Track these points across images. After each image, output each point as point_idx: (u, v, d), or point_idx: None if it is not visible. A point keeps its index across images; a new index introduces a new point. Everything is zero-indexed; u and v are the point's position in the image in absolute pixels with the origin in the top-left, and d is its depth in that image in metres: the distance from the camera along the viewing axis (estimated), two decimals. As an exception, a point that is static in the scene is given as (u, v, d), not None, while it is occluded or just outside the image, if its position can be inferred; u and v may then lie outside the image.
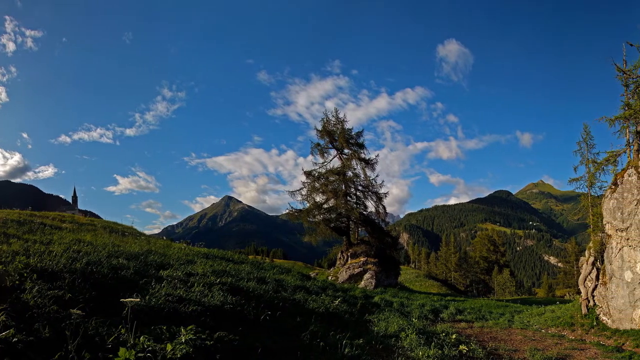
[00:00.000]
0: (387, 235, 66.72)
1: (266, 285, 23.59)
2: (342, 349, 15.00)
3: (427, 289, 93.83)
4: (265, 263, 37.60)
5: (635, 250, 30.34)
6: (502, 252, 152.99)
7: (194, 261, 24.64)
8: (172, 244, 35.76)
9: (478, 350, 20.02)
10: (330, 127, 64.71)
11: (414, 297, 46.36)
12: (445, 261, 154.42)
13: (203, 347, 10.46)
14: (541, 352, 21.75)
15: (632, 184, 31.12)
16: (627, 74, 34.79)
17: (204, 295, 16.23)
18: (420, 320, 28.46)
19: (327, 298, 27.28)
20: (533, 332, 30.38)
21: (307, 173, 64.49)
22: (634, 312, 29.95)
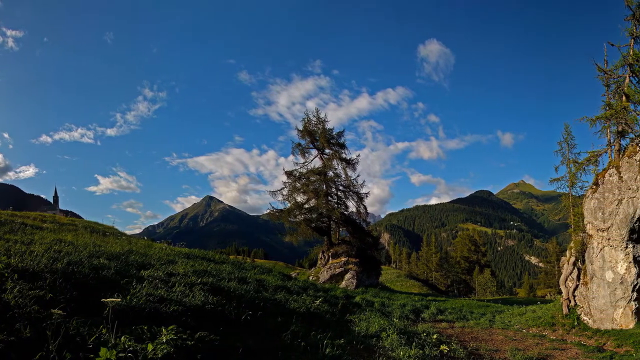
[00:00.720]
0: (368, 235, 67.02)
1: (247, 285, 23.47)
2: (323, 349, 15.03)
3: (408, 289, 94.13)
4: (246, 263, 37.55)
5: (617, 250, 30.60)
6: (483, 252, 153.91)
7: (175, 261, 24.43)
8: (153, 244, 35.51)
9: (459, 351, 20.11)
10: (311, 127, 64.79)
11: (395, 297, 46.51)
12: (427, 261, 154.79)
13: (184, 347, 10.47)
14: (522, 352, 21.93)
15: (614, 184, 31.37)
16: (608, 74, 35.11)
17: (185, 295, 16.17)
18: (401, 320, 28.48)
19: (308, 298, 27.25)
20: (514, 332, 30.60)
21: (288, 173, 64.51)
22: (615, 312, 30.21)
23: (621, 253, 30.39)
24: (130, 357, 8.99)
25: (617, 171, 31.41)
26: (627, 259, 30.07)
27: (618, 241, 30.55)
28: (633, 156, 30.61)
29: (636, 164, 29.97)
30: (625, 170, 30.68)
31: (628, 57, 33.53)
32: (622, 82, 34.28)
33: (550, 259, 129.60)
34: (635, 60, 33.43)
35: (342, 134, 67.02)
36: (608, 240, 31.38)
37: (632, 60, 33.40)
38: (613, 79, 35.20)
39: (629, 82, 33.77)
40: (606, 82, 35.58)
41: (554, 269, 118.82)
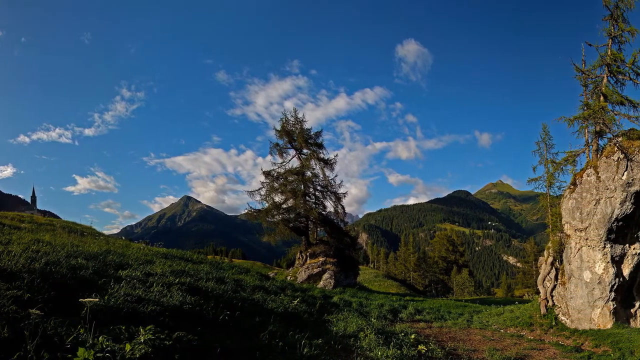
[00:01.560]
0: (346, 235, 67.04)
1: (225, 285, 23.37)
2: (301, 349, 15.06)
3: (386, 289, 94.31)
4: (224, 263, 37.38)
5: (594, 250, 30.86)
6: (461, 252, 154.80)
7: (152, 261, 24.26)
8: (131, 244, 35.36)
9: (437, 350, 20.10)
10: (289, 127, 64.71)
11: (372, 297, 46.55)
12: (404, 261, 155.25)
13: (162, 347, 10.48)
14: (500, 352, 22.00)
15: (591, 184, 31.62)
16: (586, 74, 35.36)
17: (163, 295, 16.17)
18: (379, 320, 28.51)
19: (286, 298, 27.17)
20: (492, 332, 30.66)
21: (266, 173, 64.36)
22: (593, 312, 30.47)
23: (599, 253, 30.65)
24: (108, 357, 8.98)
25: (595, 171, 31.67)
26: (605, 259, 30.33)
27: (596, 241, 30.80)
28: (611, 156, 30.88)
29: (614, 164, 30.23)
30: (603, 170, 30.95)
31: (606, 57, 33.81)
32: (600, 82, 34.55)
33: (528, 259, 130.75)
34: (613, 60, 33.72)
35: (320, 134, 67.06)
36: (586, 240, 31.63)
37: (609, 60, 33.69)
38: (591, 79, 35.46)
39: (607, 82, 34.05)
40: (584, 82, 35.83)
41: (531, 269, 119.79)
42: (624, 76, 33.84)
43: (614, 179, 29.91)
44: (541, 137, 51.09)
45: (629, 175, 29.08)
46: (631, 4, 33.20)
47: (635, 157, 29.26)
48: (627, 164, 29.41)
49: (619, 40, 34.08)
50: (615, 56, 33.74)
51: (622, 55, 33.69)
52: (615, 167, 30.05)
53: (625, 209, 29.27)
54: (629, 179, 28.98)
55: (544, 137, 50.78)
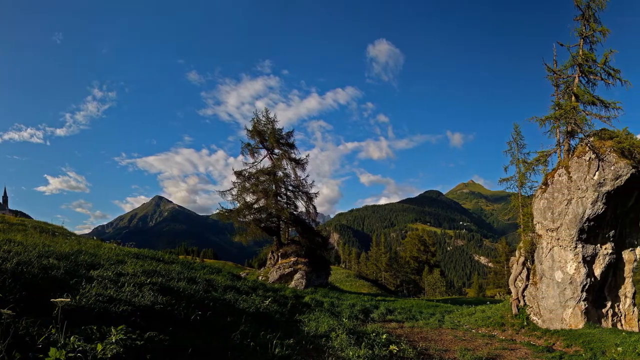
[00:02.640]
0: (318, 235, 67.11)
1: (197, 285, 23.27)
2: (273, 349, 15.13)
3: (358, 289, 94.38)
4: (196, 263, 37.11)
5: (566, 250, 31.08)
6: (433, 252, 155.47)
7: (124, 261, 24.00)
8: (102, 244, 34.91)
9: (409, 350, 20.11)
10: (261, 127, 64.58)
11: (344, 297, 46.57)
12: (376, 261, 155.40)
13: (133, 347, 10.45)
14: (472, 352, 22.02)
15: (563, 184, 31.84)
16: (557, 73, 35.63)
17: (135, 295, 16.05)
18: (350, 320, 28.43)
19: (257, 298, 27.12)
20: (463, 332, 30.73)
21: (238, 173, 64.06)
22: (565, 312, 30.68)
23: (570, 253, 30.88)
24: (80, 357, 8.94)
25: (567, 171, 31.89)
26: (577, 259, 30.58)
27: (567, 241, 31.03)
28: (582, 156, 31.12)
29: (585, 164, 30.47)
30: (575, 170, 31.18)
31: (577, 57, 34.11)
32: (571, 82, 34.85)
33: (499, 259, 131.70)
34: (584, 60, 34.03)
35: (291, 134, 67.04)
36: (557, 240, 31.85)
37: (581, 60, 33.99)
38: (562, 79, 35.73)
39: (579, 82, 34.37)
40: (555, 82, 36.10)
41: (503, 269, 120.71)
42: (595, 76, 34.15)
43: (586, 179, 30.15)
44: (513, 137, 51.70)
45: (600, 175, 29.32)
46: (603, 4, 33.54)
47: (607, 157, 29.51)
48: (598, 164, 29.66)
49: (590, 40, 34.41)
50: (587, 56, 34.03)
51: (594, 55, 34.01)
52: (587, 167, 30.29)
53: (597, 209, 29.52)
54: (601, 179, 29.22)
55: (516, 137, 51.38)
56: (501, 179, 50.08)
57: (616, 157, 29.22)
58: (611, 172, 28.94)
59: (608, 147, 30.15)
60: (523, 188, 49.62)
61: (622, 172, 28.66)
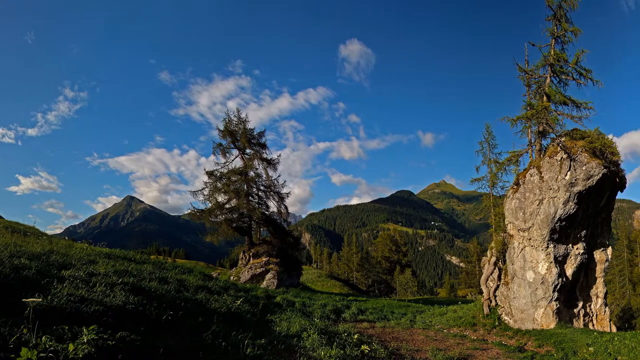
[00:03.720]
0: (289, 235, 67.10)
1: (168, 285, 23.38)
2: (244, 349, 15.10)
3: (329, 289, 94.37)
4: (167, 263, 36.91)
5: (537, 250, 31.21)
6: (404, 252, 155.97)
7: (96, 261, 23.95)
8: (74, 244, 34.64)
9: (380, 351, 20.05)
10: (232, 127, 64.41)
11: (316, 297, 46.51)
12: (347, 261, 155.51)
13: (105, 347, 10.48)
14: (443, 352, 22.05)
15: (534, 184, 31.97)
16: (529, 74, 35.78)
17: (106, 295, 16.11)
18: (322, 320, 28.37)
19: (229, 298, 27.09)
20: (435, 332, 30.76)
21: (209, 173, 63.80)
22: (536, 312, 30.81)
23: (542, 253, 31.02)
24: (52, 357, 9.00)
25: (538, 171, 32.03)
26: (548, 259, 30.73)
27: (539, 241, 31.17)
28: (554, 156, 31.27)
29: (557, 164, 30.63)
30: (547, 170, 31.33)
31: (549, 57, 34.28)
32: (543, 82, 35.02)
33: (471, 259, 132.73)
34: (556, 60, 34.21)
35: (263, 134, 67.07)
36: (529, 240, 31.98)
37: (553, 60, 34.16)
38: (534, 79, 35.91)
39: (550, 82, 34.56)
40: (527, 82, 36.26)
41: (475, 269, 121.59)
42: (567, 76, 34.36)
43: (557, 179, 30.31)
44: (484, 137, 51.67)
45: (572, 175, 29.49)
46: (574, 4, 33.74)
47: (579, 157, 29.70)
48: (570, 164, 29.83)
49: (562, 40, 34.60)
50: (559, 56, 34.21)
51: (566, 55, 34.19)
52: (559, 167, 30.44)
53: (569, 209, 29.69)
54: (572, 179, 29.39)
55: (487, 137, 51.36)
56: (473, 179, 50.28)
57: (588, 157, 29.41)
58: (583, 172, 29.12)
59: (580, 147, 30.34)
60: (495, 188, 49.73)
61: (594, 172, 28.85)
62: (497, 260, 36.84)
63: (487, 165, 49.73)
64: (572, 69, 33.98)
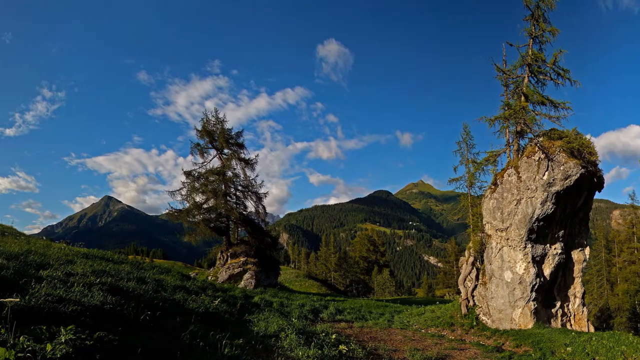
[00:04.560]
0: (267, 235, 67.26)
1: (146, 285, 23.44)
2: (222, 349, 15.07)
3: (307, 289, 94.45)
4: (145, 263, 36.79)
5: (515, 250, 31.27)
6: (382, 252, 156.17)
7: (74, 261, 23.98)
8: (52, 244, 34.43)
9: (358, 350, 20.05)
10: (210, 127, 64.40)
11: (294, 297, 46.51)
12: (325, 261, 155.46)
13: (83, 347, 10.49)
14: (421, 352, 22.02)
15: (512, 184, 32.04)
16: (506, 74, 35.89)
17: (84, 295, 16.16)
18: (300, 320, 28.26)
19: (207, 298, 27.25)
20: (413, 332, 30.76)
21: (187, 173, 63.66)
22: (514, 312, 30.88)
23: (520, 253, 31.10)
24: (30, 357, 9.00)
25: (516, 171, 32.11)
26: (526, 259, 30.81)
27: (517, 241, 31.23)
28: (532, 156, 31.36)
29: (535, 164, 30.71)
30: (524, 170, 31.40)
31: (527, 57, 34.41)
32: (520, 82, 35.15)
33: (449, 259, 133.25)
34: (534, 60, 34.34)
35: (240, 134, 67.16)
36: (507, 240, 32.04)
37: (530, 60, 34.29)
38: (512, 79, 36.04)
39: (528, 82, 34.68)
40: (505, 82, 36.41)
41: (452, 269, 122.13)
42: (545, 76, 34.50)
43: (535, 179, 30.39)
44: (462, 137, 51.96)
45: (549, 175, 29.58)
46: (552, 4, 33.89)
47: (556, 157, 29.80)
48: (548, 164, 29.93)
49: (540, 40, 34.76)
50: (536, 56, 34.33)
51: (543, 55, 34.33)
52: (536, 167, 30.52)
53: (546, 209, 29.78)
54: (550, 179, 29.48)
55: (465, 137, 51.64)
56: (450, 179, 50.47)
57: (565, 157, 29.53)
58: (560, 172, 29.23)
59: (557, 147, 30.45)
60: (472, 188, 49.97)
61: (572, 172, 28.98)
62: (475, 260, 36.89)
63: (465, 165, 49.96)
64: (550, 69, 34.13)
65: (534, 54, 34.44)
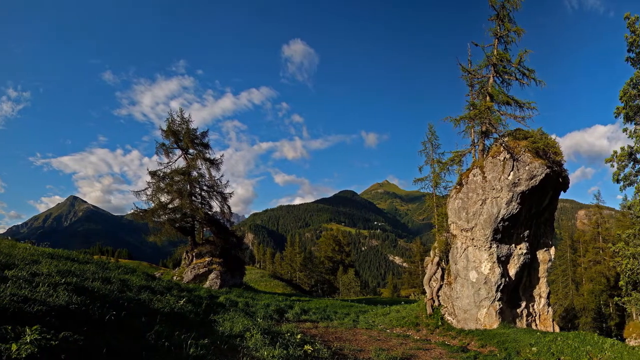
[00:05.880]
0: (232, 235, 67.09)
1: (111, 285, 23.20)
2: (187, 349, 15.03)
3: (273, 289, 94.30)
4: (110, 263, 36.53)
5: (481, 250, 31.32)
6: (347, 252, 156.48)
7: (39, 261, 23.82)
8: (17, 244, 34.04)
9: (323, 350, 19.89)
10: (175, 127, 64.09)
11: (259, 297, 46.34)
12: (291, 261, 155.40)
13: (48, 347, 10.37)
14: (386, 352, 21.93)
15: (477, 184, 32.10)
16: (472, 73, 36.00)
17: (50, 295, 15.81)
18: (265, 320, 28.12)
19: (172, 298, 26.96)
20: (378, 332, 30.68)
21: (152, 173, 63.17)
22: (479, 312, 30.92)
23: (485, 253, 31.15)
24: None
25: (481, 171, 32.18)
26: (491, 259, 30.87)
27: (482, 241, 31.29)
28: (497, 156, 31.46)
29: (500, 164, 30.80)
30: (489, 170, 31.48)
31: (492, 57, 34.55)
32: (486, 82, 35.30)
33: (414, 259, 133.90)
34: (499, 60, 34.49)
35: (206, 134, 67.01)
36: (472, 240, 32.09)
37: (496, 60, 34.43)
38: (477, 79, 36.20)
39: (493, 82, 34.86)
40: (470, 82, 36.57)
41: (418, 269, 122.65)
42: (510, 76, 34.69)
43: (500, 179, 30.48)
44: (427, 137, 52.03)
45: (515, 175, 29.69)
46: (517, 4, 34.10)
47: (521, 157, 29.92)
48: (513, 164, 30.03)
49: (505, 40, 34.95)
50: (502, 56, 34.49)
51: (509, 55, 34.50)
52: (502, 167, 30.62)
53: (512, 209, 29.88)
54: (515, 179, 29.59)
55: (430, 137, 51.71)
56: (416, 179, 50.64)
57: (531, 157, 29.67)
58: (526, 172, 29.36)
59: (523, 147, 30.59)
60: (438, 188, 50.13)
61: (537, 172, 29.11)
62: (440, 260, 36.94)
63: (430, 165, 50.06)
64: (515, 68, 34.34)
65: (499, 54, 34.58)
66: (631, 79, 37.54)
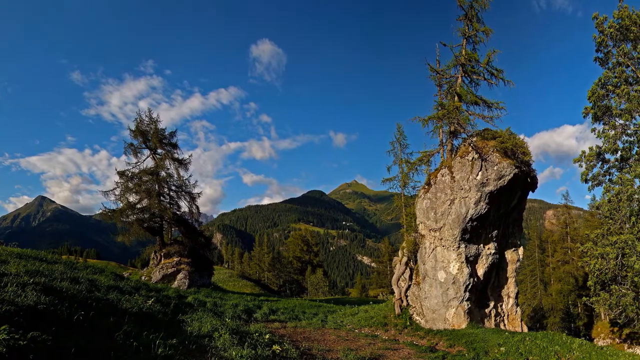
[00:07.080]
0: (201, 235, 67.20)
1: (80, 285, 23.10)
2: (156, 349, 15.03)
3: (241, 289, 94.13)
4: (79, 263, 36.57)
5: (449, 250, 31.33)
6: (316, 252, 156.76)
7: (7, 261, 24.00)
8: None
9: (291, 350, 19.74)
10: (144, 127, 63.95)
11: (227, 297, 46.19)
12: (259, 261, 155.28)
13: (16, 347, 10.49)
14: (354, 352, 21.79)
15: (446, 184, 32.11)
16: (440, 73, 36.05)
17: (18, 295, 15.84)
18: (233, 320, 27.88)
19: (140, 298, 26.87)
20: (346, 332, 30.55)
21: (121, 173, 62.89)
22: (447, 312, 30.93)
23: (453, 253, 31.18)
24: None
25: (450, 171, 32.21)
26: (460, 259, 30.90)
27: (450, 241, 31.30)
28: (465, 156, 31.50)
29: (468, 164, 30.83)
30: (458, 170, 31.51)
31: (460, 57, 34.65)
32: (454, 82, 35.41)
33: (382, 259, 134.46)
34: (467, 60, 34.60)
35: (174, 134, 67.20)
36: (440, 241, 32.10)
37: (464, 60, 34.53)
38: (445, 79, 36.29)
39: (462, 82, 34.98)
40: (439, 82, 36.64)
41: (386, 269, 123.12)
42: (478, 76, 34.80)
43: (469, 179, 30.52)
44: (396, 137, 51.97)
45: (483, 175, 29.74)
46: (485, 4, 34.24)
47: (490, 157, 29.98)
48: (481, 164, 30.09)
49: (473, 40, 35.09)
50: (470, 56, 34.59)
51: (477, 55, 34.63)
52: (470, 167, 30.65)
53: (480, 209, 29.93)
54: (484, 179, 29.64)
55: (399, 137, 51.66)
56: (384, 179, 50.63)
57: (499, 157, 29.75)
58: (494, 172, 29.43)
59: (491, 147, 30.67)
60: (406, 188, 50.12)
61: (505, 172, 29.21)
62: (409, 260, 36.94)
63: (398, 165, 50.05)
64: (484, 69, 34.49)
65: (468, 54, 34.67)
66: (599, 78, 37.96)
